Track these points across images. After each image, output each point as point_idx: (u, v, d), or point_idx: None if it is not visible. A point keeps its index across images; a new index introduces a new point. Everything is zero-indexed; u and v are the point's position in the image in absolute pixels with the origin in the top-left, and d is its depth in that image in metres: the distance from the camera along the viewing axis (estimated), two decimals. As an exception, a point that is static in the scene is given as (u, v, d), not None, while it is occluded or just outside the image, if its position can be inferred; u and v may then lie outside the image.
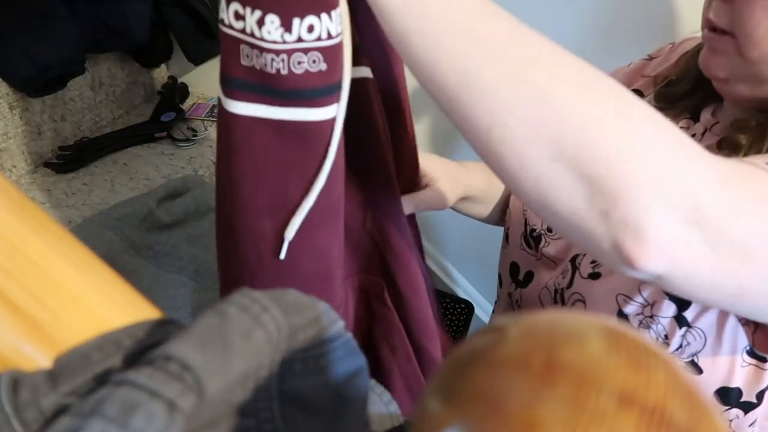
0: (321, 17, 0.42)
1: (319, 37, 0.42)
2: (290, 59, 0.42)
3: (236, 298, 0.28)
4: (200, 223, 1.02)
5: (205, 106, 1.32)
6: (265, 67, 0.43)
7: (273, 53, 0.42)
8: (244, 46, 0.43)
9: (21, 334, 0.28)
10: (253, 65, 0.43)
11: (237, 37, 0.43)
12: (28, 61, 1.00)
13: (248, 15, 0.41)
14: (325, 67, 0.43)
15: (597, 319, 0.28)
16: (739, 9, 0.54)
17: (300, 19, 0.41)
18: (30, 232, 0.30)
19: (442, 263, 1.48)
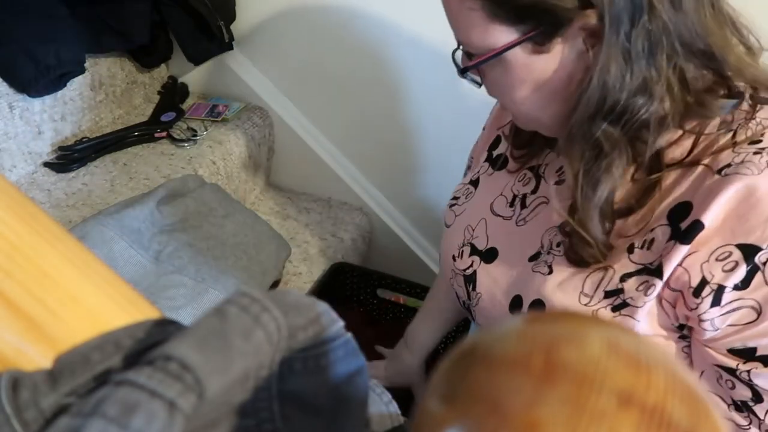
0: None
1: None
2: None
3: (236, 298, 0.28)
4: (200, 224, 1.02)
5: (205, 106, 1.32)
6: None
7: None
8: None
9: (21, 334, 0.28)
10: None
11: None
12: (28, 61, 1.00)
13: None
14: None
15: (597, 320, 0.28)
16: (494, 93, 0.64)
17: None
18: (30, 232, 0.30)
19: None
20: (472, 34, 0.56)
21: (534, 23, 0.53)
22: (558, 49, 0.55)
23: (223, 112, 1.31)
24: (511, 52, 0.55)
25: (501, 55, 0.55)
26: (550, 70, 0.56)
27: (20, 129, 1.05)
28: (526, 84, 0.58)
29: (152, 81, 1.35)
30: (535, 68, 0.56)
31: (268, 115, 1.37)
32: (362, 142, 1.37)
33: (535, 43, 0.54)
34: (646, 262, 0.57)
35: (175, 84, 1.37)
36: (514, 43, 0.55)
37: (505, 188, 0.74)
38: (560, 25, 0.53)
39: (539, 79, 0.57)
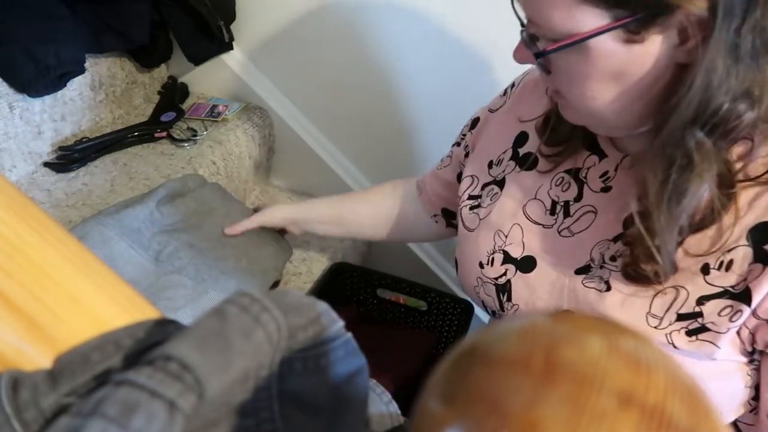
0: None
1: None
2: None
3: (236, 298, 0.28)
4: (201, 224, 1.02)
5: (205, 106, 1.32)
6: None
7: None
8: None
9: (21, 334, 0.28)
10: None
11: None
12: (28, 60, 1.00)
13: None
14: None
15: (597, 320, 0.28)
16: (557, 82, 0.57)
17: None
18: (30, 231, 0.30)
19: (442, 263, 1.48)
20: (553, 14, 0.49)
21: (632, 8, 0.47)
22: (652, 39, 0.48)
23: (223, 112, 1.31)
24: (597, 38, 0.49)
25: (584, 41, 0.49)
26: (637, 63, 0.50)
27: (20, 129, 1.05)
28: (606, 76, 0.51)
29: (152, 81, 1.35)
30: (620, 59, 0.50)
31: (268, 115, 1.37)
32: (362, 142, 1.37)
33: (627, 30, 0.48)
34: (726, 285, 0.54)
35: (175, 84, 1.37)
36: (603, 29, 0.48)
37: (539, 191, 0.69)
38: (662, 13, 0.46)
39: (623, 71, 0.51)
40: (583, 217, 0.65)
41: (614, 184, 0.63)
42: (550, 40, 0.52)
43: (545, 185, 0.69)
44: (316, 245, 1.32)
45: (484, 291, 0.72)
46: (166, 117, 1.26)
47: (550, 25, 0.51)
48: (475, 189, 0.76)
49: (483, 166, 0.76)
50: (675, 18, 0.47)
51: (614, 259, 0.60)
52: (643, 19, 0.47)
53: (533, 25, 0.53)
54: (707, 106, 0.49)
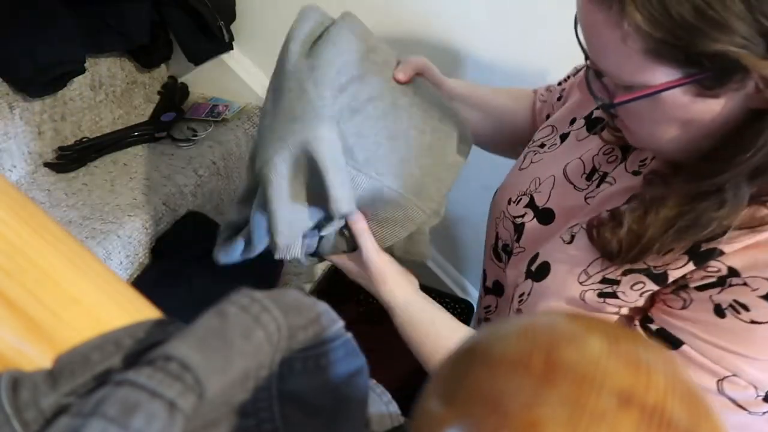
0: None
1: None
2: None
3: (236, 298, 0.28)
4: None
5: (205, 106, 1.32)
6: None
7: None
8: None
9: (21, 334, 0.28)
10: None
11: None
12: (28, 60, 1.00)
13: None
14: None
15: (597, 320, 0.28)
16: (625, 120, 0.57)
17: None
18: (30, 232, 0.30)
19: (442, 263, 1.48)
20: (624, 69, 0.50)
21: (706, 68, 0.46)
22: (727, 95, 0.48)
23: (223, 112, 1.31)
24: (670, 91, 0.49)
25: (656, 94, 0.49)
26: (709, 115, 0.50)
27: (20, 129, 1.05)
28: (676, 123, 0.52)
29: (152, 81, 1.35)
30: (692, 110, 0.50)
31: (268, 115, 1.37)
32: (362, 142, 1.37)
33: (701, 86, 0.48)
34: (652, 264, 0.56)
35: (175, 84, 1.37)
36: (675, 84, 0.48)
37: (586, 153, 0.70)
38: (736, 72, 0.46)
39: (693, 120, 0.51)
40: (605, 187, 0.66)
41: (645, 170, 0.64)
42: (619, 87, 0.52)
43: (594, 149, 0.69)
44: (316, 245, 1.32)
45: (503, 224, 0.76)
46: (166, 117, 1.26)
47: (617, 75, 0.51)
48: (549, 138, 0.77)
49: (565, 122, 0.77)
50: (750, 76, 0.46)
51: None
52: (717, 76, 0.47)
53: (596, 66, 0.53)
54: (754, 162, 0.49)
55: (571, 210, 0.68)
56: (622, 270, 0.58)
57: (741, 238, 0.52)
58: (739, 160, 0.50)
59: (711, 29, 0.44)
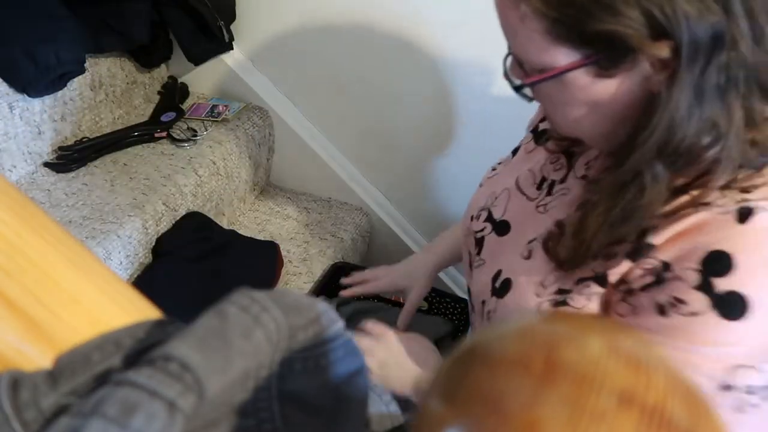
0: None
1: None
2: None
3: (236, 298, 0.28)
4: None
5: (205, 106, 1.32)
6: None
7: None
8: None
9: (21, 334, 0.28)
10: None
11: None
12: (28, 61, 1.00)
13: None
14: None
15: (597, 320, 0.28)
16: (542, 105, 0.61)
17: None
18: (30, 232, 0.30)
19: (442, 263, 1.48)
20: (530, 50, 0.53)
21: (599, 49, 0.50)
22: (622, 75, 0.51)
23: (223, 112, 1.31)
24: (572, 73, 0.52)
25: (560, 75, 0.53)
26: (610, 95, 0.53)
27: (20, 129, 1.05)
28: (583, 105, 0.55)
29: (152, 81, 1.35)
30: (594, 91, 0.53)
31: (268, 115, 1.37)
32: (362, 142, 1.37)
33: (598, 67, 0.51)
34: (599, 270, 0.58)
35: (175, 84, 1.37)
36: (575, 65, 0.52)
37: (535, 164, 0.73)
38: (628, 53, 0.49)
39: (598, 101, 0.54)
40: (558, 197, 0.68)
41: (590, 174, 0.66)
42: (532, 70, 0.55)
43: (542, 160, 0.72)
44: (316, 245, 1.32)
45: (467, 242, 0.78)
46: (166, 117, 1.26)
47: (528, 58, 0.54)
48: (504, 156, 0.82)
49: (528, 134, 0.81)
50: (642, 57, 0.49)
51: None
52: (612, 57, 0.50)
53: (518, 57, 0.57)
54: (670, 143, 0.51)
55: (524, 219, 0.71)
56: (574, 280, 0.60)
57: (667, 227, 0.54)
58: (641, 141, 0.52)
59: (599, 10, 0.47)
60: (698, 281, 0.52)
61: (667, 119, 0.50)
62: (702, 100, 0.49)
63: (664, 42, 0.48)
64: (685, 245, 0.53)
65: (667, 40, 0.47)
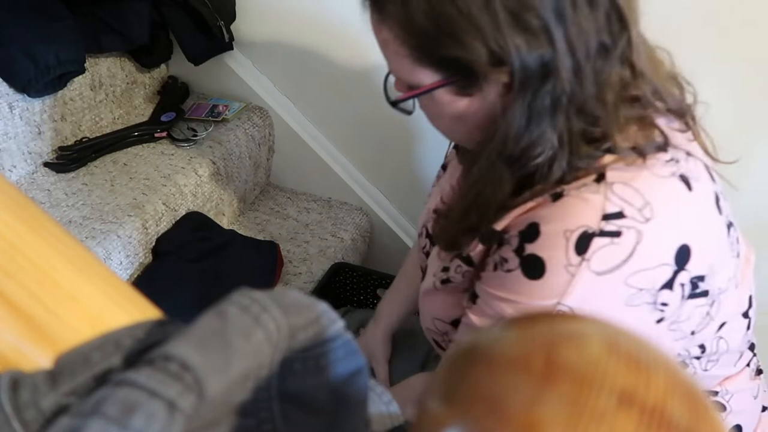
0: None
1: None
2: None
3: (236, 298, 0.28)
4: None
5: (205, 106, 1.32)
6: None
7: None
8: None
9: (21, 334, 0.28)
10: None
11: None
12: (28, 61, 1.00)
13: None
14: None
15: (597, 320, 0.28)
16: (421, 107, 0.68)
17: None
18: (30, 232, 0.30)
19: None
20: (401, 70, 0.61)
21: (454, 71, 0.58)
22: (478, 94, 0.59)
23: (223, 112, 1.31)
24: (436, 91, 0.60)
25: (427, 93, 0.61)
26: (471, 110, 0.61)
27: (20, 129, 1.05)
28: (451, 117, 0.63)
29: (152, 81, 1.35)
30: (457, 106, 0.61)
31: (268, 115, 1.37)
32: (362, 142, 1.37)
33: (456, 87, 0.59)
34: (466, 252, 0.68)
35: (175, 84, 1.37)
36: (437, 85, 0.60)
37: (453, 178, 0.81)
38: (475, 77, 0.57)
39: (462, 114, 0.62)
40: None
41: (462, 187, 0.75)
42: (405, 87, 0.63)
43: (458, 173, 0.81)
44: (316, 245, 1.32)
45: (422, 259, 0.86)
46: (166, 117, 1.26)
47: (400, 76, 0.63)
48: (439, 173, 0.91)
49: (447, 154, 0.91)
50: (486, 82, 0.57)
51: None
52: (464, 80, 0.58)
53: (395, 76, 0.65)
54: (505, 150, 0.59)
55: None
56: (450, 257, 0.71)
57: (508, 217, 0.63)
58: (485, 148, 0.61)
59: (448, 39, 0.55)
60: (516, 245, 0.61)
61: (502, 134, 0.59)
62: (532, 119, 0.57)
63: (503, 68, 0.55)
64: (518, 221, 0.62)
65: (505, 66, 0.55)
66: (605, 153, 0.59)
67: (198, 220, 1.18)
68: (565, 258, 0.58)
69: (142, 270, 1.07)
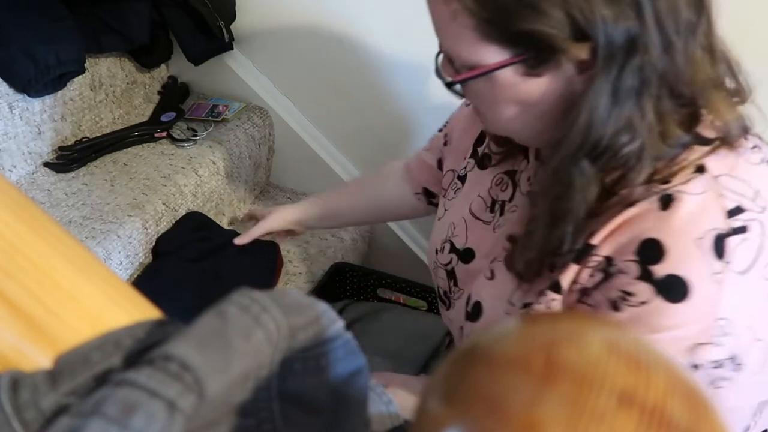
0: None
1: None
2: None
3: (236, 298, 0.28)
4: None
5: (205, 106, 1.32)
6: None
7: None
8: None
9: (21, 334, 0.28)
10: None
11: None
12: (28, 61, 1.00)
13: None
14: None
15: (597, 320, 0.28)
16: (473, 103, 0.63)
17: None
18: (30, 232, 0.30)
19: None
20: (461, 48, 0.55)
21: (526, 48, 0.52)
22: (548, 75, 0.54)
23: (223, 112, 1.31)
24: (500, 71, 0.54)
25: (489, 73, 0.54)
26: (537, 94, 0.55)
27: (20, 129, 1.05)
28: (512, 103, 0.57)
29: (152, 81, 1.35)
30: (522, 90, 0.55)
31: (268, 115, 1.37)
32: (362, 142, 1.37)
33: (525, 66, 0.53)
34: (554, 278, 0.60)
35: (175, 84, 1.37)
36: (503, 64, 0.53)
37: (483, 190, 0.75)
38: (552, 53, 0.52)
39: (526, 100, 0.56)
40: (508, 215, 0.71)
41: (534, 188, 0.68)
42: (462, 68, 0.57)
43: (488, 184, 0.75)
44: (316, 245, 1.32)
45: (437, 275, 0.80)
46: (166, 117, 1.26)
47: (458, 56, 0.56)
48: (451, 183, 0.83)
49: (459, 161, 0.82)
50: (565, 58, 0.52)
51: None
52: (537, 57, 0.52)
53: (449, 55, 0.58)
54: (588, 139, 0.53)
55: (484, 243, 0.73)
56: (536, 292, 0.62)
57: (602, 228, 0.56)
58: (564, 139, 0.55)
59: (526, 10, 0.49)
60: (639, 271, 0.54)
61: (586, 119, 0.52)
62: (618, 101, 0.52)
63: (584, 43, 0.50)
64: (621, 239, 0.55)
65: (587, 41, 0.50)
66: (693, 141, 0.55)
67: (198, 220, 1.17)
68: (707, 267, 0.52)
69: (142, 270, 1.07)
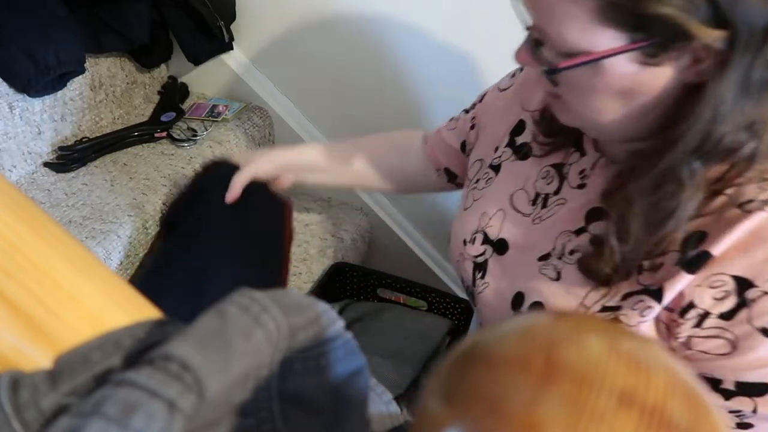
0: None
1: None
2: None
3: (236, 298, 0.28)
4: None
5: (205, 106, 1.32)
6: None
7: None
8: None
9: (21, 334, 0.28)
10: None
11: None
12: (28, 61, 0.99)
13: None
14: None
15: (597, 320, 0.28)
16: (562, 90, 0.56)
17: None
18: (30, 232, 0.30)
19: (442, 263, 1.48)
20: (569, 31, 0.49)
21: (650, 34, 0.46)
22: (666, 64, 0.48)
23: (223, 112, 1.31)
24: (612, 59, 0.48)
25: (600, 60, 0.48)
26: (649, 85, 0.50)
27: (20, 129, 1.05)
28: (615, 94, 0.51)
29: (152, 81, 1.35)
30: (632, 79, 0.49)
31: (268, 115, 1.37)
32: (362, 142, 1.37)
33: (643, 54, 0.48)
34: (647, 283, 0.55)
35: (175, 84, 1.37)
36: (620, 50, 0.47)
37: (527, 183, 0.71)
38: (679, 40, 0.46)
39: (632, 90, 0.50)
40: (555, 208, 0.67)
41: (589, 182, 0.64)
42: (560, 53, 0.51)
43: (533, 177, 0.70)
44: (316, 245, 1.32)
45: (463, 267, 0.76)
46: (166, 117, 1.26)
47: (562, 39, 0.49)
48: (480, 173, 0.78)
49: (489, 151, 0.78)
50: (692, 45, 0.46)
51: (573, 252, 0.62)
52: (661, 44, 0.47)
53: (539, 32, 0.52)
54: (711, 137, 0.48)
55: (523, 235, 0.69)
56: (620, 295, 0.57)
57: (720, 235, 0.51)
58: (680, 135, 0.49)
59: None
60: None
61: (711, 112, 0.47)
62: (746, 93, 0.47)
63: (721, 31, 0.45)
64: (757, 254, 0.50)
65: (724, 27, 0.45)
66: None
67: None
68: None
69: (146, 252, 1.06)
